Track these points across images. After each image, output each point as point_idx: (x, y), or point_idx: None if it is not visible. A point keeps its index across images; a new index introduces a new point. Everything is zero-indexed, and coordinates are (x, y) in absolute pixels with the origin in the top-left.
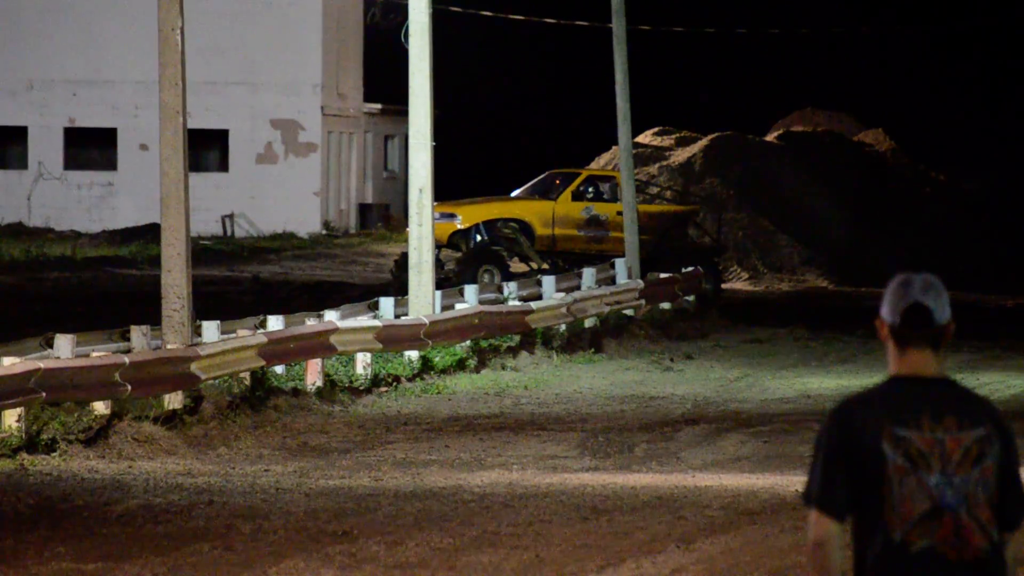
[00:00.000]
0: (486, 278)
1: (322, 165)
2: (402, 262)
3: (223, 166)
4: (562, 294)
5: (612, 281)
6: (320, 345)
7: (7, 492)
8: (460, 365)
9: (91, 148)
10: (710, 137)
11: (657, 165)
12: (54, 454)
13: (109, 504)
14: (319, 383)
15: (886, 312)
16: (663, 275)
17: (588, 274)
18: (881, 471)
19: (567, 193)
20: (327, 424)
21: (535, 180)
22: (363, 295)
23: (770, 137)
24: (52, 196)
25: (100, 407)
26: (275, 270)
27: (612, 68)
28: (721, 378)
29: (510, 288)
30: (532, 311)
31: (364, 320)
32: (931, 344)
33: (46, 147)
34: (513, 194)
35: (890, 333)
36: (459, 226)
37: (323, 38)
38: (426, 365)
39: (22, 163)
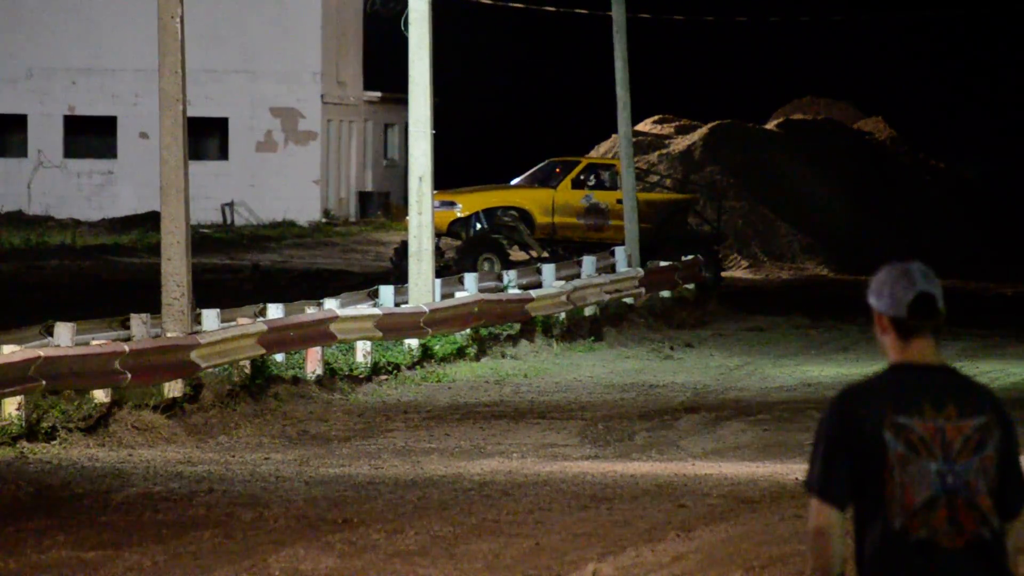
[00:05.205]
0: (486, 266)
1: (322, 153)
2: (402, 250)
3: (223, 154)
4: (562, 282)
5: (612, 269)
6: (320, 333)
7: (7, 480)
8: (460, 353)
9: (91, 136)
10: (710, 125)
11: (657, 153)
12: (54, 442)
13: (109, 492)
14: (319, 371)
15: (886, 304)
16: (663, 263)
17: (588, 262)
18: (882, 459)
19: (567, 181)
20: (327, 412)
21: (535, 168)
22: (363, 283)
23: (770, 125)
24: (52, 184)
25: (100, 395)
26: (275, 258)
27: (612, 56)
28: (721, 366)
29: (510, 276)
30: (532, 299)
31: (364, 308)
32: (933, 332)
33: (46, 135)
34: (513, 182)
35: (892, 324)
36: (459, 214)
37: (323, 26)
38: (426, 353)
39: (22, 151)
